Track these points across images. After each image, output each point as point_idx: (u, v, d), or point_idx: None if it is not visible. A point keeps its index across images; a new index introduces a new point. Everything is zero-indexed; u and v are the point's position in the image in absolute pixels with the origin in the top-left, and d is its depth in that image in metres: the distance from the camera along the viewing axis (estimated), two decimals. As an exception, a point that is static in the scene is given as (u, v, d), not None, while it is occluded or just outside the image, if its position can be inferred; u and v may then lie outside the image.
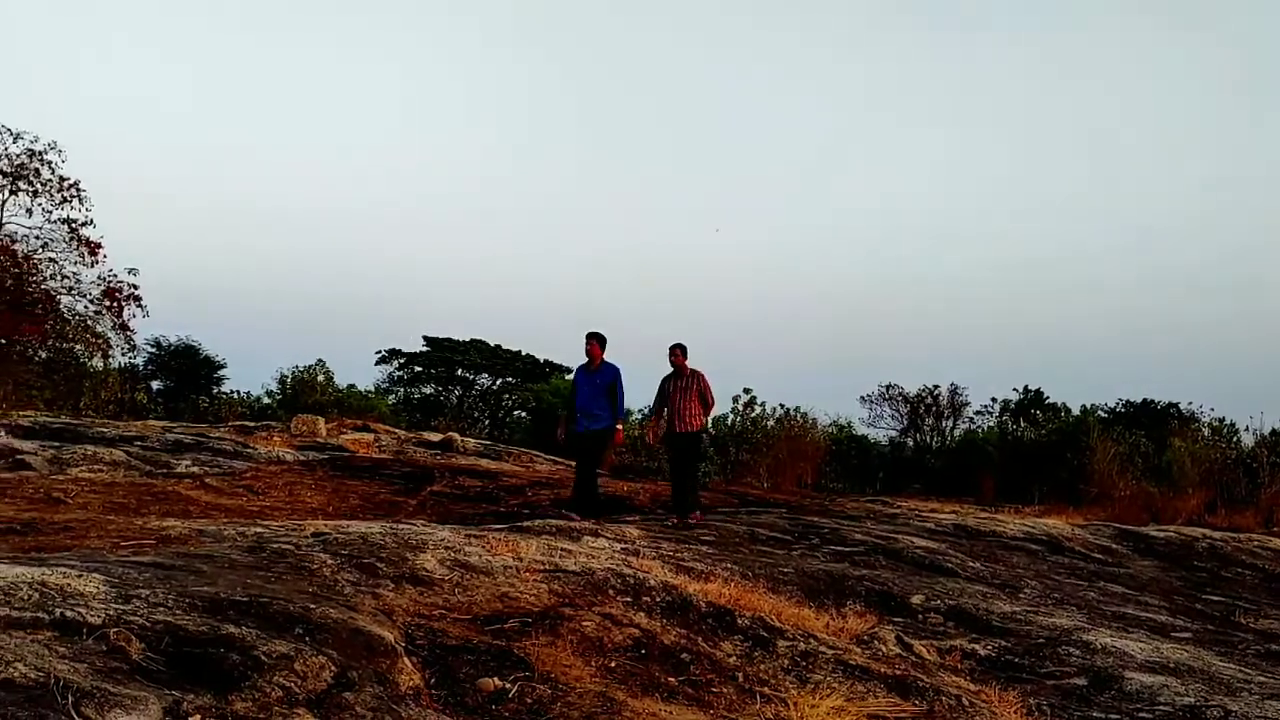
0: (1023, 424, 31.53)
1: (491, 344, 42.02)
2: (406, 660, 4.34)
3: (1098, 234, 77.62)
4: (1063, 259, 76.05)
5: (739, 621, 5.88)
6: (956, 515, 15.28)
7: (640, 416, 28.48)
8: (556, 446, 24.43)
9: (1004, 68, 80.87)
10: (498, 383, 41.53)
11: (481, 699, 4.21)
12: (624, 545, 8.32)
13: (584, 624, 5.38)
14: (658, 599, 6.16)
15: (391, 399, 38.80)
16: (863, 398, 37.03)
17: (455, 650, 4.72)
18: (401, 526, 7.79)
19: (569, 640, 5.10)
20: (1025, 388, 37.03)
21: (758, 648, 5.55)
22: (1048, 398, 35.87)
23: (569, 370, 38.54)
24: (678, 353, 11.28)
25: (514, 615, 5.44)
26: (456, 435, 21.92)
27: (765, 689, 4.87)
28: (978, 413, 36.31)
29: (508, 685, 4.33)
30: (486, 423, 38.58)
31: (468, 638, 4.93)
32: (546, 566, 6.71)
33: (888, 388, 36.78)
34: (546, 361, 41.60)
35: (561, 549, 7.55)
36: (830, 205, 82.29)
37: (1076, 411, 31.71)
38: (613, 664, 4.94)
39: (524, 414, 31.28)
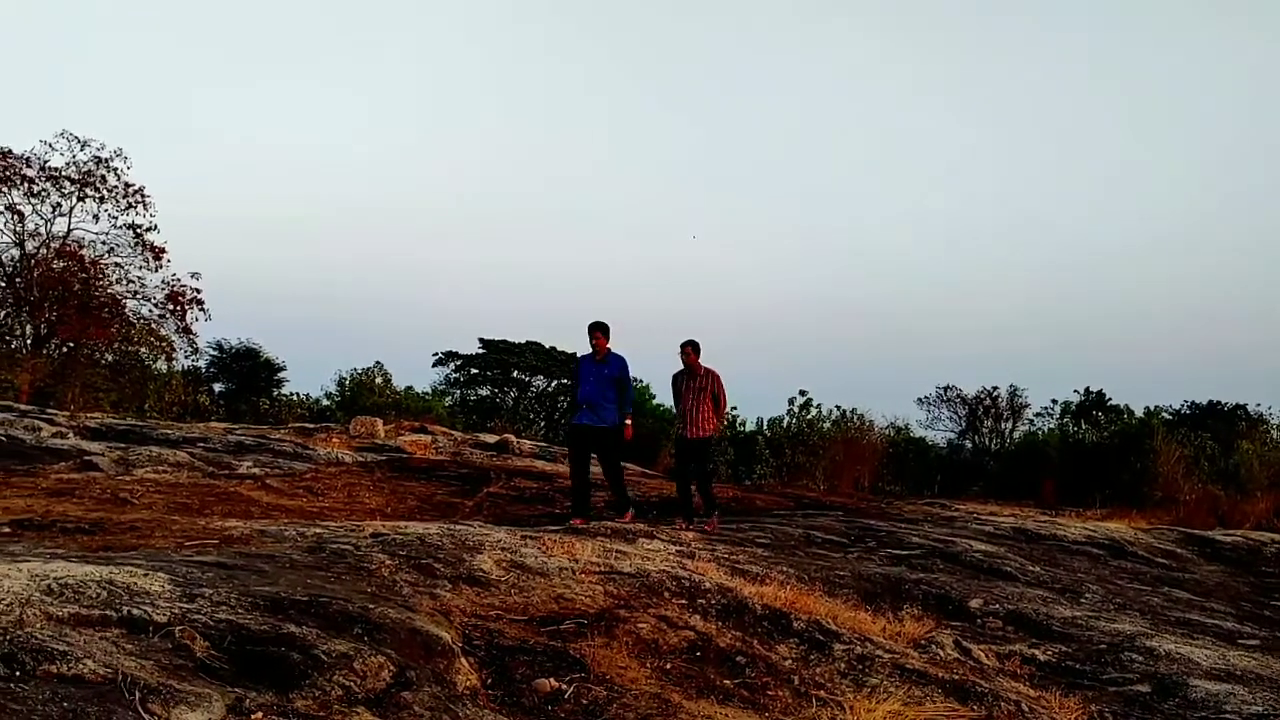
0: (1084, 426, 31.04)
1: (546, 346, 42.21)
2: (464, 660, 4.38)
3: (1159, 228, 76.28)
4: (1124, 255, 74.82)
5: (795, 624, 5.86)
6: (1016, 518, 15.09)
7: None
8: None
9: (1050, 63, 79.80)
10: (553, 385, 41.69)
11: (538, 699, 4.23)
12: (679, 547, 8.32)
13: (640, 626, 5.39)
14: (713, 601, 6.16)
15: (448, 401, 39.11)
16: (920, 399, 36.77)
17: (512, 651, 4.75)
18: (458, 527, 7.86)
19: (625, 642, 5.11)
20: (1087, 389, 36.48)
21: (814, 651, 5.53)
22: (1110, 399, 35.30)
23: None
24: (689, 350, 10.38)
25: (570, 616, 5.46)
26: (512, 437, 22.03)
27: (821, 692, 4.84)
28: (1038, 415, 35.87)
29: (564, 686, 4.35)
30: (542, 424, 38.75)
31: (524, 638, 4.96)
32: (602, 568, 6.73)
33: (945, 389, 36.48)
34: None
35: (617, 551, 7.57)
36: (887, 206, 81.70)
37: (1140, 413, 31.17)
38: (668, 666, 4.95)
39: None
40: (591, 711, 4.14)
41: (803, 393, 28.64)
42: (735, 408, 30.93)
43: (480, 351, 42.36)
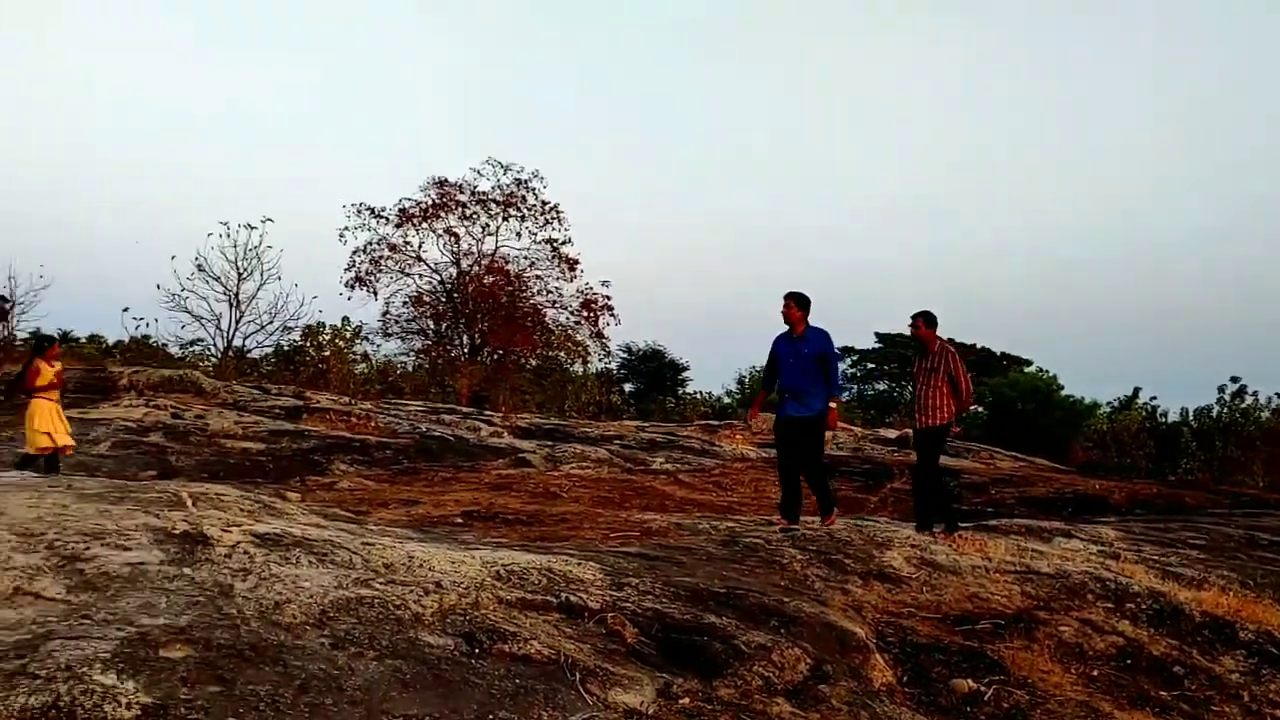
0: None
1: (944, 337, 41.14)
2: (878, 656, 4.39)
3: None
4: None
5: (1241, 635, 5.37)
6: None
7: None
8: (1018, 442, 23.48)
9: None
10: (950, 378, 40.55)
11: (955, 700, 4.16)
12: (1100, 547, 7.84)
13: (1061, 629, 5.16)
14: (1143, 606, 5.76)
15: (845, 396, 39.04)
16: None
17: (925, 649, 4.70)
18: (865, 523, 7.86)
19: (1045, 645, 4.91)
20: None
21: (1265, 665, 5.04)
22: None
23: (1029, 363, 36.78)
24: (920, 323, 8.43)
25: (985, 616, 5.32)
26: (911, 432, 21.64)
27: (1277, 711, 4.40)
28: None
29: (982, 688, 4.25)
30: (946, 419, 37.73)
31: (938, 637, 4.89)
32: (1017, 567, 6.49)
33: None
34: (1004, 354, 40.02)
35: (1032, 550, 7.26)
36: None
37: None
38: (1094, 672, 4.70)
39: (980, 409, 30.30)
40: (1012, 715, 4.02)
41: (1235, 379, 25.99)
42: (1153, 397, 28.62)
43: (876, 346, 42.01)
